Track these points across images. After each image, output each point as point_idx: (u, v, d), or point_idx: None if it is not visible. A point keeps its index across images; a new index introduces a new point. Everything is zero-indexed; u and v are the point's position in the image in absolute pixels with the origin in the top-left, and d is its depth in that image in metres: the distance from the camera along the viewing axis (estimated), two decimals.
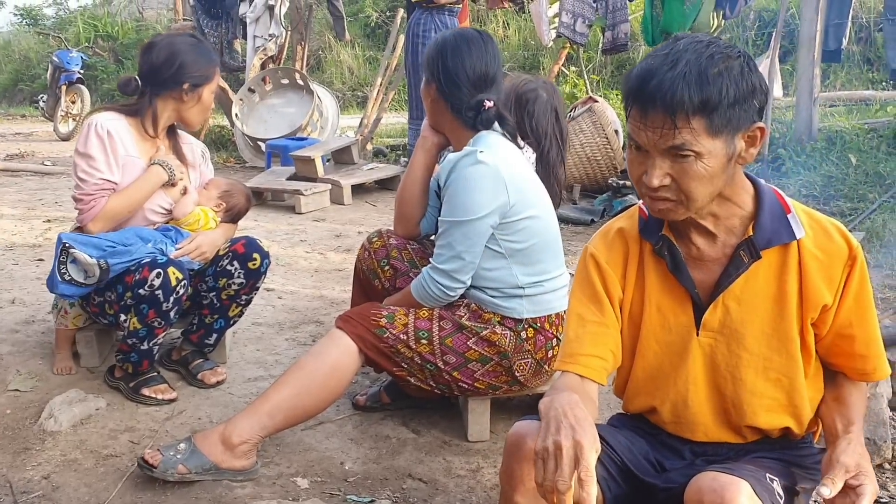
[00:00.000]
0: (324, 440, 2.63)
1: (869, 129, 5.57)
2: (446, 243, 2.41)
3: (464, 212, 2.36)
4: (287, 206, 5.74)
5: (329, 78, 11.57)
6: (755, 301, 1.62)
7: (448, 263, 2.41)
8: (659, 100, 1.43)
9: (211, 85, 2.89)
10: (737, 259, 1.60)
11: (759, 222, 1.59)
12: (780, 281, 1.60)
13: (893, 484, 2.32)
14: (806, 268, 1.59)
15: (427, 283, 2.44)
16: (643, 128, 1.47)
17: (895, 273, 3.65)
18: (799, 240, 1.59)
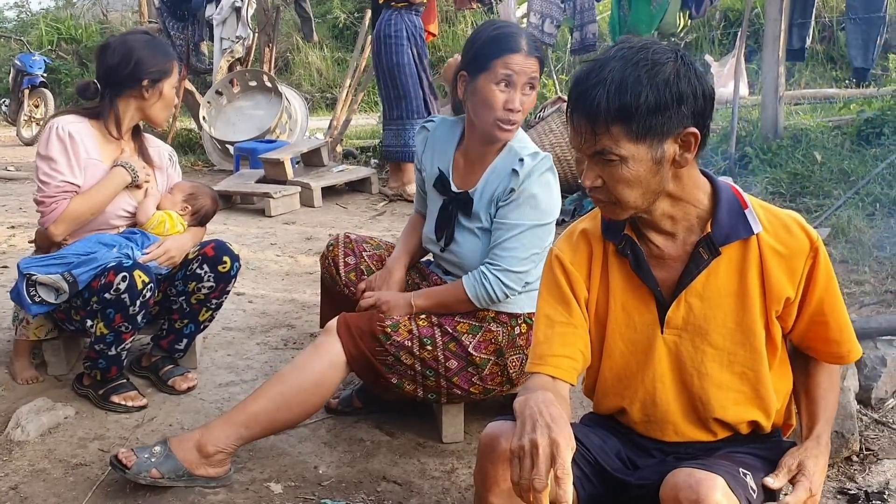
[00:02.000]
0: (297, 444, 2.62)
1: (833, 126, 5.66)
2: (520, 245, 2.40)
3: (542, 216, 2.40)
4: (256, 210, 5.70)
5: (298, 80, 11.50)
6: (717, 297, 1.63)
7: (522, 266, 2.41)
8: (581, 107, 1.50)
9: (171, 79, 2.85)
10: (697, 256, 1.62)
11: (716, 219, 1.61)
12: (742, 276, 1.62)
13: (861, 476, 2.36)
14: (766, 262, 1.61)
15: (491, 285, 2.41)
16: (573, 133, 1.54)
17: (860, 268, 3.71)
18: (758, 234, 1.61)
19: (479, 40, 2.39)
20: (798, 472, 1.53)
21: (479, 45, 2.38)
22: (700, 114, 1.51)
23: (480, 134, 2.45)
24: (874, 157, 4.88)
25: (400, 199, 5.85)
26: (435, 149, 2.62)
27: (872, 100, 6.18)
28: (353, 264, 2.70)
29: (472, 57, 2.39)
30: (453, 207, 2.52)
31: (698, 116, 1.51)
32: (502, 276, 2.40)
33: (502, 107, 2.34)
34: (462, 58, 2.46)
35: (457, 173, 2.55)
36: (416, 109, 5.57)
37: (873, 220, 4.15)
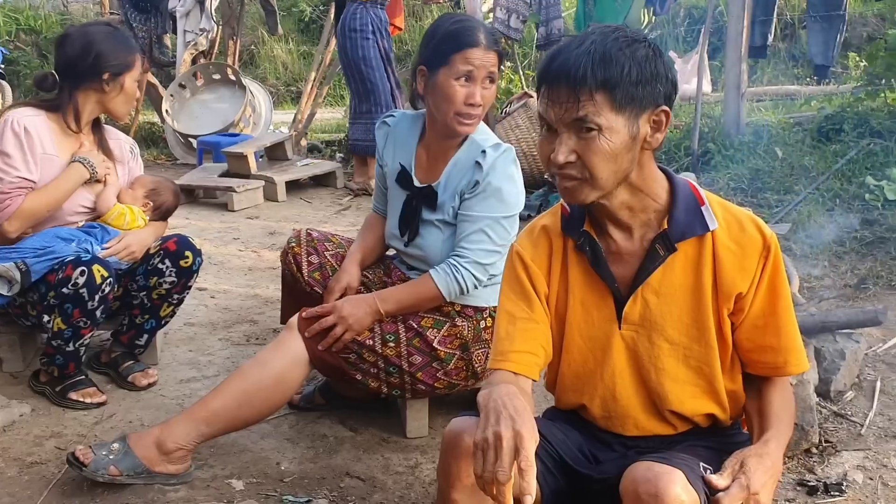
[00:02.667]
0: (259, 441, 2.59)
1: (794, 123, 5.73)
2: (487, 238, 2.40)
3: (507, 207, 2.40)
4: (219, 204, 5.64)
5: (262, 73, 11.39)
6: (673, 293, 1.64)
7: (489, 258, 2.41)
8: (563, 76, 1.50)
9: (133, 72, 2.79)
10: (653, 252, 1.63)
11: (673, 215, 1.62)
12: (697, 272, 1.63)
13: (821, 468, 2.39)
14: (719, 259, 1.62)
15: (462, 277, 2.40)
16: (550, 105, 1.53)
17: (820, 262, 3.76)
18: (713, 231, 1.62)
19: (438, 35, 2.38)
20: (739, 470, 1.50)
21: (438, 40, 2.37)
22: (668, 97, 1.55)
23: (441, 128, 2.44)
24: (834, 154, 4.95)
25: (365, 194, 5.82)
26: (396, 144, 2.60)
27: (833, 97, 6.28)
28: (316, 263, 2.66)
29: (430, 52, 2.38)
30: (417, 202, 2.51)
31: (668, 99, 1.55)
32: (472, 268, 2.40)
33: (463, 101, 2.34)
34: (420, 52, 2.45)
35: (419, 168, 2.53)
36: (384, 104, 5.54)
37: (833, 215, 4.21)
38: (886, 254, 3.77)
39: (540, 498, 1.67)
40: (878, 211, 4.18)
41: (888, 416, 2.62)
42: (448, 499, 1.60)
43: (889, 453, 2.43)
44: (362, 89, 5.61)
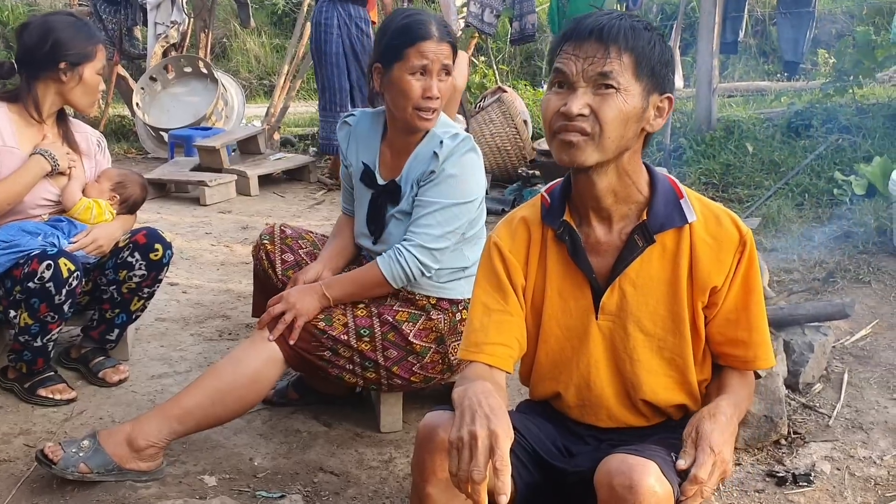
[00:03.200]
0: (232, 436, 2.58)
1: (765, 118, 5.79)
2: (436, 223, 2.38)
3: (460, 194, 2.39)
4: (191, 198, 5.59)
5: (235, 66, 11.29)
6: (650, 284, 1.66)
7: (436, 242, 2.39)
8: (596, 32, 1.54)
9: (93, 63, 2.73)
10: (632, 243, 1.65)
11: (652, 207, 1.64)
12: (674, 264, 1.65)
13: (789, 459, 2.42)
14: (696, 252, 1.64)
15: (406, 261, 2.38)
16: (574, 59, 1.55)
17: (789, 257, 3.81)
18: (691, 224, 1.64)
19: (390, 30, 2.38)
20: (697, 438, 1.50)
21: (390, 36, 2.37)
22: (673, 87, 1.64)
23: (402, 124, 2.44)
24: (803, 149, 5.01)
25: (338, 188, 5.79)
26: (359, 142, 2.59)
27: (802, 93, 6.34)
28: (291, 261, 2.64)
29: (384, 48, 2.38)
30: (382, 199, 2.50)
31: (672, 89, 1.63)
32: (417, 251, 2.38)
33: (420, 95, 2.34)
34: (374, 50, 2.45)
35: (383, 165, 2.53)
36: (338, 102, 5.47)
37: (802, 209, 4.27)
38: (854, 248, 3.83)
39: (514, 492, 1.68)
40: (846, 206, 4.24)
41: (855, 407, 2.67)
42: (422, 493, 1.60)
43: (856, 444, 2.47)
44: (319, 85, 5.60)
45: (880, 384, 2.78)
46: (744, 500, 2.26)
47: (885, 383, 2.78)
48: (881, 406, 2.66)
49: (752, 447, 2.47)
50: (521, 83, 8.02)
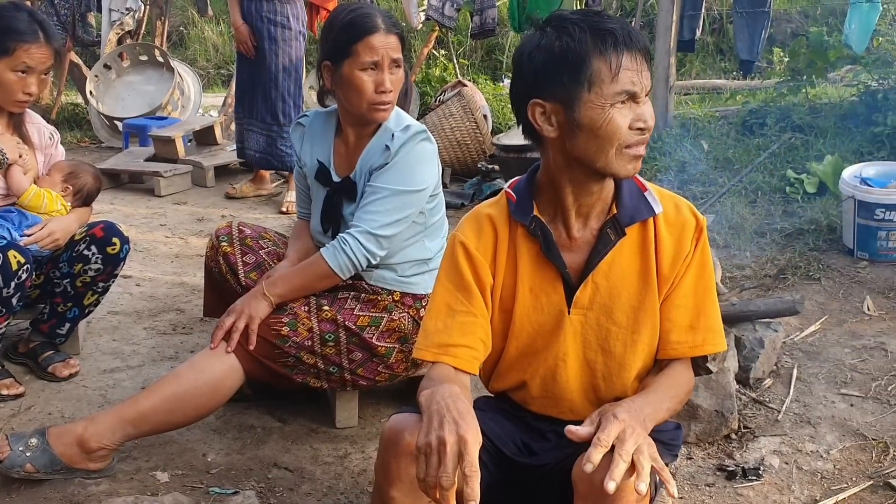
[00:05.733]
0: (185, 432, 2.54)
1: (720, 116, 5.87)
2: (384, 209, 2.35)
3: (410, 182, 2.36)
4: (146, 189, 5.50)
5: (192, 55, 11.11)
6: (622, 277, 1.68)
7: (384, 230, 2.36)
8: (637, 42, 1.56)
9: (10, 60, 2.59)
10: (604, 237, 1.66)
11: (620, 201, 1.66)
12: (643, 256, 1.68)
13: (739, 453, 2.47)
14: (661, 242, 1.68)
15: (351, 248, 2.35)
16: (637, 73, 1.57)
17: (742, 253, 3.87)
18: (656, 216, 1.67)
19: (336, 27, 2.37)
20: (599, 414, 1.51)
21: (337, 32, 2.35)
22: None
23: (356, 119, 2.43)
24: (757, 147, 5.09)
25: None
26: (314, 141, 2.57)
27: (757, 91, 6.43)
28: (253, 262, 2.61)
29: (332, 45, 2.37)
30: (337, 196, 2.49)
31: None
32: (362, 238, 2.35)
33: (373, 90, 2.33)
34: (321, 47, 2.43)
35: (338, 160, 2.51)
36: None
37: (755, 207, 4.33)
38: (805, 245, 3.90)
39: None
40: (798, 203, 4.32)
41: (804, 402, 2.72)
42: (386, 496, 1.59)
43: (804, 438, 2.53)
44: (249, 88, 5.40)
45: (828, 379, 2.84)
46: (694, 494, 2.30)
47: (833, 378, 2.85)
48: (829, 401, 2.72)
49: (704, 441, 2.51)
50: (481, 77, 8.02)
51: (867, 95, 5.22)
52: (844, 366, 2.92)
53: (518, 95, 1.65)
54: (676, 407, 1.69)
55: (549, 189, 1.69)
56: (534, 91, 1.60)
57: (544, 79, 1.58)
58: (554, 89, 1.57)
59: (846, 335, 3.13)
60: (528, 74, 1.61)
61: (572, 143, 1.59)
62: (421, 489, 1.41)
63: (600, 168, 1.60)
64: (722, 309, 2.70)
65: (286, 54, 4.84)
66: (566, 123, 1.58)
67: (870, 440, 2.50)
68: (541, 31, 1.61)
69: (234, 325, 2.34)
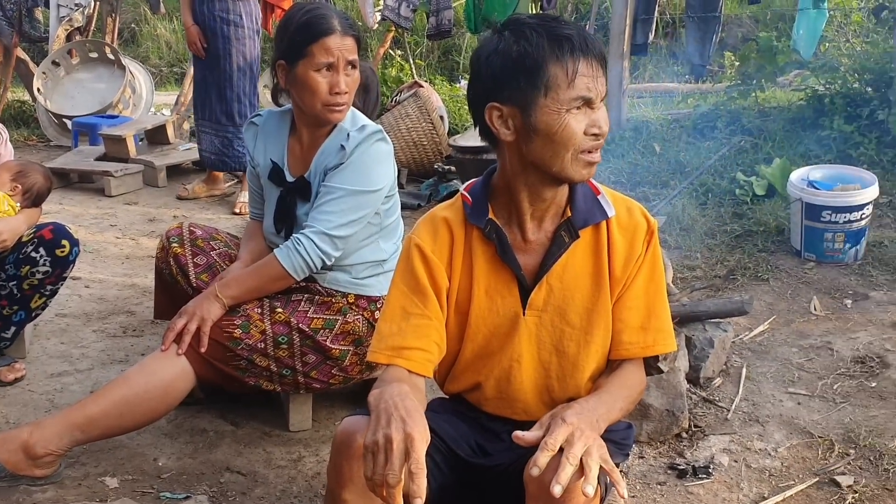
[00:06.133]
0: (135, 436, 2.51)
1: (672, 119, 5.95)
2: (339, 210, 2.33)
3: (366, 182, 2.35)
4: (96, 189, 5.40)
5: (144, 52, 10.94)
6: (576, 279, 1.70)
7: (338, 230, 2.34)
8: (593, 48, 1.57)
9: None
10: (558, 239, 1.68)
11: (574, 204, 1.68)
12: (596, 258, 1.70)
13: (690, 452, 2.50)
14: (613, 244, 1.70)
15: (306, 249, 2.33)
16: (593, 79, 1.58)
17: (692, 254, 3.93)
18: (609, 219, 1.69)
19: (292, 27, 2.35)
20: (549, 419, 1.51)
21: (293, 33, 2.34)
22: None
23: (310, 119, 2.42)
24: (708, 150, 5.17)
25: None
26: (267, 141, 2.55)
27: (708, 95, 6.54)
28: (203, 264, 2.57)
29: (287, 45, 2.35)
30: (291, 196, 2.47)
31: None
32: (317, 238, 2.34)
33: (328, 91, 2.32)
34: (277, 47, 2.42)
35: (292, 160, 2.50)
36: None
37: (705, 209, 4.40)
38: (754, 246, 3.97)
39: (428, 494, 1.68)
40: (748, 205, 4.40)
41: (752, 401, 2.77)
42: (339, 499, 1.58)
43: (752, 436, 2.57)
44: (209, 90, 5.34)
45: (776, 378, 2.90)
46: (646, 493, 2.33)
47: (781, 377, 2.90)
48: (777, 399, 2.77)
49: (655, 441, 2.54)
50: (438, 78, 8.03)
51: (814, 100, 5.35)
52: (792, 365, 2.98)
53: (475, 98, 1.65)
54: (629, 407, 1.71)
55: (505, 192, 1.70)
56: (491, 95, 1.61)
57: (501, 83, 1.59)
58: (511, 94, 1.58)
59: (794, 335, 3.20)
60: (486, 78, 1.61)
61: (528, 148, 1.60)
62: (368, 487, 1.41)
63: (556, 172, 1.61)
64: (673, 309, 2.74)
65: (240, 53, 4.78)
66: (523, 128, 1.59)
67: (816, 438, 2.56)
68: (498, 34, 1.61)
69: (185, 327, 2.30)
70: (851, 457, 2.45)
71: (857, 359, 2.99)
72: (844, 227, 3.74)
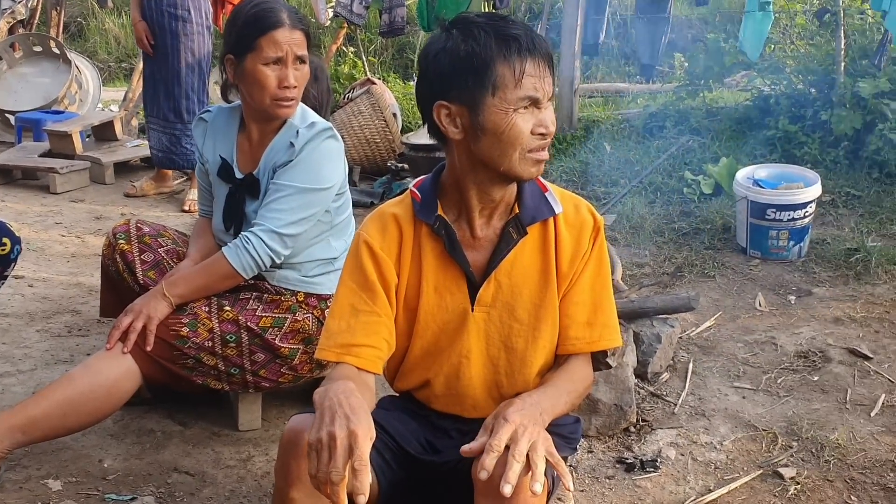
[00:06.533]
0: (80, 437, 2.46)
1: (622, 119, 6.03)
2: (288, 208, 2.31)
3: (316, 180, 2.33)
4: (40, 186, 5.27)
5: (92, 47, 10.72)
6: (524, 275, 1.72)
7: (287, 228, 2.32)
8: (541, 48, 1.58)
9: None
10: (506, 236, 1.69)
11: (522, 201, 1.70)
12: (544, 255, 1.72)
13: (638, 446, 2.54)
14: (561, 241, 1.72)
15: (255, 248, 2.30)
16: (540, 79, 1.58)
17: (642, 252, 3.99)
18: (556, 215, 1.71)
19: (240, 20, 2.34)
20: (493, 421, 1.50)
21: (241, 26, 2.32)
22: None
23: (259, 114, 2.40)
24: (657, 149, 5.25)
25: None
26: (216, 137, 2.52)
27: (658, 95, 6.63)
28: (151, 261, 2.53)
29: (235, 39, 2.33)
30: (240, 193, 2.44)
31: None
32: (266, 237, 2.32)
33: (276, 86, 2.31)
34: (225, 40, 2.40)
35: (242, 157, 2.47)
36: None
37: (654, 207, 4.47)
38: (701, 244, 4.04)
39: (377, 491, 1.68)
40: (695, 204, 4.48)
41: (699, 395, 2.82)
42: (286, 497, 1.57)
43: (699, 430, 2.62)
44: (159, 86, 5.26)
45: (722, 373, 2.96)
46: (595, 487, 2.35)
47: (727, 372, 2.96)
48: (722, 394, 2.83)
49: (604, 435, 2.57)
50: (392, 76, 8.01)
51: (760, 100, 5.46)
52: (737, 360, 3.04)
53: (424, 96, 1.66)
54: (575, 401, 1.73)
55: (454, 189, 1.71)
56: (439, 93, 1.61)
57: (450, 81, 1.59)
58: (459, 92, 1.59)
59: (739, 330, 3.26)
60: (434, 76, 1.62)
61: (476, 146, 1.61)
62: (313, 485, 1.41)
63: (504, 171, 1.62)
64: (621, 305, 2.80)
65: (189, 49, 4.71)
66: (470, 126, 1.60)
67: (760, 431, 2.61)
68: (447, 32, 1.62)
69: (131, 325, 2.27)
70: (794, 449, 2.51)
71: (800, 353, 3.06)
72: (788, 225, 3.83)
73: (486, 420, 1.54)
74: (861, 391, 2.81)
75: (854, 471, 2.40)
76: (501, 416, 1.50)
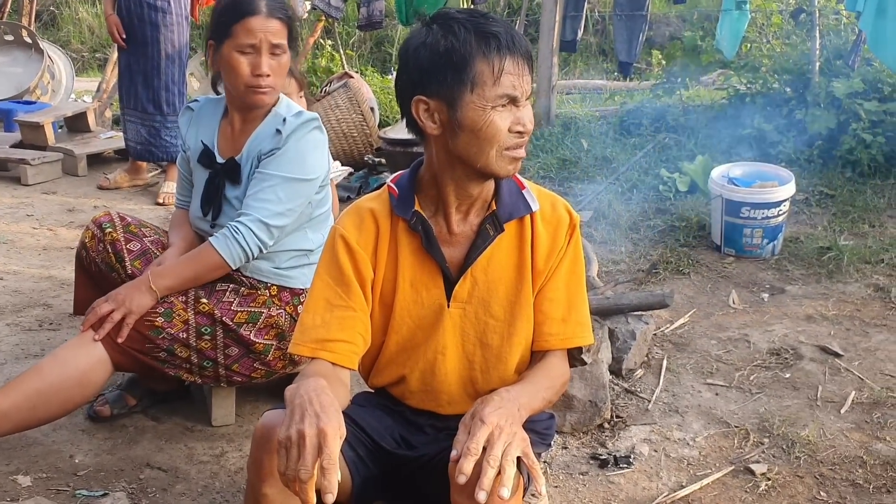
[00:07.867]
0: (50, 432, 2.43)
1: (600, 116, 6.04)
2: (276, 198, 2.30)
3: (302, 170, 2.32)
4: (11, 178, 5.20)
5: (65, 36, 10.59)
6: (500, 271, 1.72)
7: (275, 219, 2.30)
8: (521, 47, 1.59)
9: None
10: (483, 232, 1.69)
11: (500, 198, 1.70)
12: (520, 252, 1.72)
13: (612, 442, 2.56)
14: (537, 238, 1.72)
15: (244, 237, 2.28)
16: (518, 77, 1.59)
17: (617, 248, 4.01)
18: (533, 213, 1.72)
19: (220, 7, 2.35)
20: (470, 421, 1.50)
21: (220, 13, 2.34)
22: None
23: (238, 101, 2.40)
24: (633, 146, 5.27)
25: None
26: (200, 125, 2.51)
27: (635, 92, 6.66)
28: (137, 250, 2.49)
29: (215, 25, 2.35)
30: (220, 178, 2.43)
31: None
32: (255, 227, 2.30)
33: (250, 73, 2.30)
34: (209, 27, 2.40)
35: (223, 142, 2.46)
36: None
37: (630, 204, 4.49)
38: (676, 241, 4.07)
39: (350, 486, 1.68)
40: (671, 201, 4.50)
41: (672, 392, 2.84)
42: (259, 493, 1.57)
43: (672, 427, 2.64)
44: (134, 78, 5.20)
45: (695, 370, 2.98)
46: (569, 483, 2.37)
47: (700, 369, 2.98)
48: (696, 391, 2.85)
49: (578, 431, 2.58)
50: (370, 69, 7.99)
51: (736, 99, 5.50)
52: (711, 357, 3.06)
53: (402, 90, 1.65)
54: (552, 397, 1.73)
55: (431, 185, 1.71)
56: (418, 88, 1.61)
57: (429, 76, 1.59)
58: (438, 88, 1.59)
59: (713, 327, 3.29)
60: (413, 71, 1.61)
61: (454, 142, 1.61)
62: (282, 482, 1.41)
63: (481, 168, 1.62)
64: (596, 302, 2.82)
65: (168, 40, 4.66)
66: (448, 122, 1.60)
67: (732, 427, 2.64)
68: (427, 27, 1.61)
69: (109, 314, 2.24)
70: (765, 445, 2.53)
71: (772, 351, 3.09)
72: (762, 223, 3.86)
73: (464, 417, 1.53)
74: (832, 388, 2.84)
75: (824, 467, 2.43)
76: (479, 416, 1.49)
